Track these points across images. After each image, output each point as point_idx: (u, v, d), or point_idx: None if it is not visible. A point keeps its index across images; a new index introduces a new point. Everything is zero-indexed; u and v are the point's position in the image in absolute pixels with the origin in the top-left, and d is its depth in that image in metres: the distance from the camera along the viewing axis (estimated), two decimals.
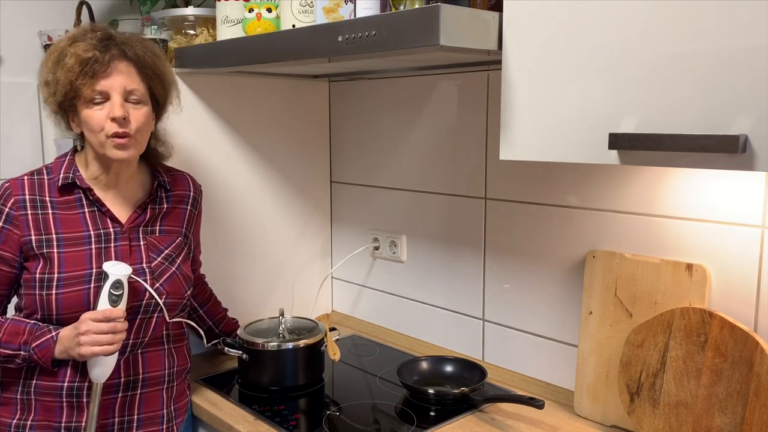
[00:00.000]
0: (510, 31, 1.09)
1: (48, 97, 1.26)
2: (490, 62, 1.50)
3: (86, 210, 1.28)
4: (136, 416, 1.31)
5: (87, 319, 1.17)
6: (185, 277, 1.36)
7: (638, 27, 0.94)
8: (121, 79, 1.22)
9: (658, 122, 0.94)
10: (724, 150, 0.86)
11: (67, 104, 1.25)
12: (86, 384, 1.25)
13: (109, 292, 1.19)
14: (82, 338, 1.16)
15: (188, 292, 1.37)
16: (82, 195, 1.29)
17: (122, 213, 1.31)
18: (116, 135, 1.21)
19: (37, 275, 1.22)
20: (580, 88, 1.02)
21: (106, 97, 1.22)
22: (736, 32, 0.85)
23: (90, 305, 1.22)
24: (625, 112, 0.97)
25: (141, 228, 1.32)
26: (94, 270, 1.24)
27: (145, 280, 1.27)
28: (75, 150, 1.34)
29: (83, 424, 1.25)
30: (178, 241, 1.37)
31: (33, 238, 1.23)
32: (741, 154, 0.86)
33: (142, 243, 1.31)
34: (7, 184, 1.27)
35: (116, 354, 1.21)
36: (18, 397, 1.27)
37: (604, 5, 0.98)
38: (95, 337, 1.16)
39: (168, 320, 1.33)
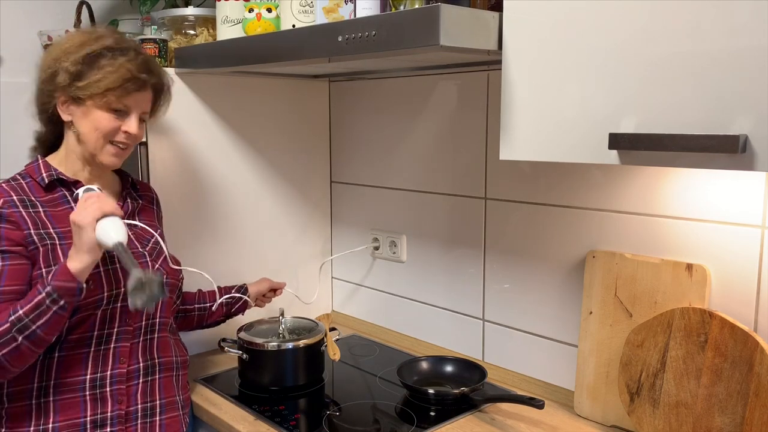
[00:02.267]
0: (510, 31, 1.09)
1: (62, 83, 1.23)
2: (490, 62, 1.50)
3: (73, 205, 1.28)
4: (158, 401, 1.33)
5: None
6: (176, 261, 1.42)
7: (638, 27, 0.94)
8: (144, 103, 1.31)
9: (658, 122, 0.94)
10: (724, 150, 0.86)
11: (74, 94, 1.24)
12: (108, 373, 1.26)
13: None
14: (80, 216, 1.13)
15: (181, 275, 1.43)
16: (65, 192, 1.30)
17: None
18: (119, 144, 1.28)
19: (44, 270, 1.21)
20: (580, 88, 1.02)
21: (126, 111, 1.27)
22: (735, 32, 0.85)
23: (105, 288, 1.24)
24: (625, 112, 0.97)
25: (126, 220, 1.34)
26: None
27: (146, 263, 1.32)
28: (38, 157, 1.33)
29: (108, 414, 1.25)
30: (159, 232, 1.41)
31: (32, 232, 1.22)
32: (741, 154, 0.86)
33: (130, 233, 1.33)
34: None
35: (120, 219, 1.17)
36: (33, 402, 1.23)
37: (604, 5, 0.98)
38: (89, 203, 1.15)
39: (175, 301, 1.40)
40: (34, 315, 1.12)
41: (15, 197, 1.24)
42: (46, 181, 1.27)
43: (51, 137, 1.34)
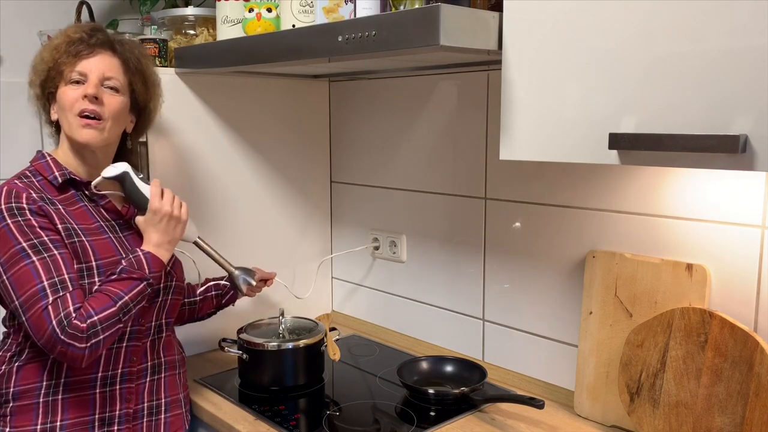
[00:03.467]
0: (510, 31, 1.09)
1: (33, 79, 1.29)
2: (490, 62, 1.50)
3: (87, 203, 1.29)
4: (163, 400, 1.34)
5: (157, 207, 1.27)
6: (180, 264, 1.44)
7: (638, 26, 0.94)
8: (101, 64, 1.26)
9: (658, 122, 0.94)
10: (724, 150, 0.86)
11: (49, 86, 1.27)
12: (119, 372, 1.26)
13: (139, 178, 1.30)
14: (177, 211, 1.29)
15: (183, 277, 1.44)
16: (75, 191, 1.29)
17: (115, 206, 1.34)
18: (86, 115, 1.23)
19: (74, 266, 1.20)
20: (580, 87, 1.02)
21: (84, 79, 1.25)
22: (735, 32, 0.85)
23: None
24: (625, 112, 0.97)
25: (133, 222, 1.33)
26: (123, 257, 1.25)
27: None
28: (44, 154, 1.32)
29: (117, 412, 1.26)
30: None
31: (60, 227, 1.20)
32: (741, 154, 0.86)
33: (139, 235, 1.33)
34: (6, 187, 1.21)
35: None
36: (40, 401, 1.22)
37: (604, 5, 0.98)
38: (172, 198, 1.29)
39: (183, 300, 1.44)
40: (137, 300, 1.20)
41: (35, 194, 1.22)
42: (60, 180, 1.26)
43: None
